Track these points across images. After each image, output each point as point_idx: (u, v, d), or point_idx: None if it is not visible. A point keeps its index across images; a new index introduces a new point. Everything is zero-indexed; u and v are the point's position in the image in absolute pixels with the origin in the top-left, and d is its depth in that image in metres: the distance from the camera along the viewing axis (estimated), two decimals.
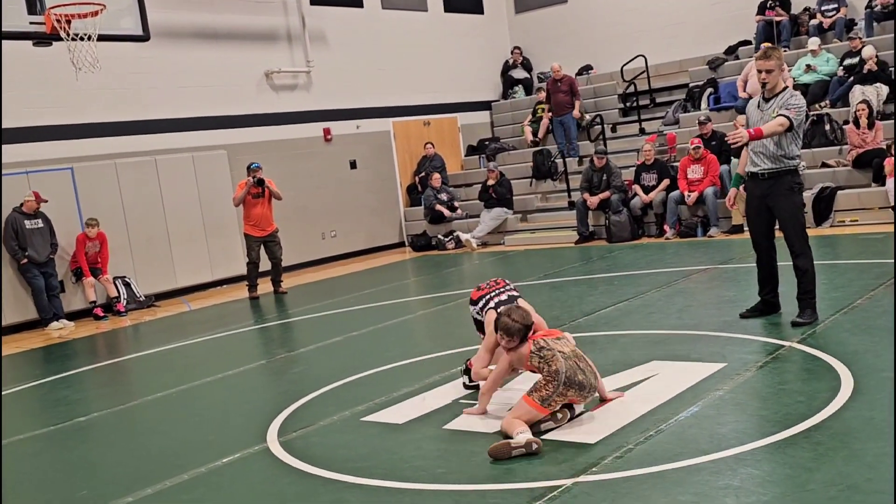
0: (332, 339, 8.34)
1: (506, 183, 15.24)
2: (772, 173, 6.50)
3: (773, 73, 6.44)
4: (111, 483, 4.94)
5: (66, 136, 12.26)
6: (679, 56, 16.74)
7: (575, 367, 4.86)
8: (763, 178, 6.56)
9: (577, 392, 4.86)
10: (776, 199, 6.52)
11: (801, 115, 6.41)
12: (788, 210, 6.52)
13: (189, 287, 13.38)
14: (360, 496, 4.24)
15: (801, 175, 6.70)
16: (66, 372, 8.53)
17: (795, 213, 6.55)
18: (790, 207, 6.52)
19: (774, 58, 6.42)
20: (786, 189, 6.49)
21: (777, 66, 6.44)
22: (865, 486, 3.66)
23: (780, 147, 6.43)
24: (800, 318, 6.53)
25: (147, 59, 12.97)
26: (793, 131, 6.38)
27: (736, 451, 4.18)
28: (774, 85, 6.48)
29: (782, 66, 6.54)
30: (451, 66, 17.78)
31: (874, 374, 5.15)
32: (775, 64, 6.42)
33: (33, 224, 11.44)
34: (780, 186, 6.49)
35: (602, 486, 3.99)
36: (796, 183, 6.57)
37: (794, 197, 6.54)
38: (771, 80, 6.47)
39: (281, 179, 13.47)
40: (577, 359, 4.92)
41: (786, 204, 6.51)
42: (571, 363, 4.86)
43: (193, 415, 6.37)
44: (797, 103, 6.38)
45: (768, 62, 6.42)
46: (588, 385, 4.89)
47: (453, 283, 11.64)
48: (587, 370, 4.91)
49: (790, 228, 6.56)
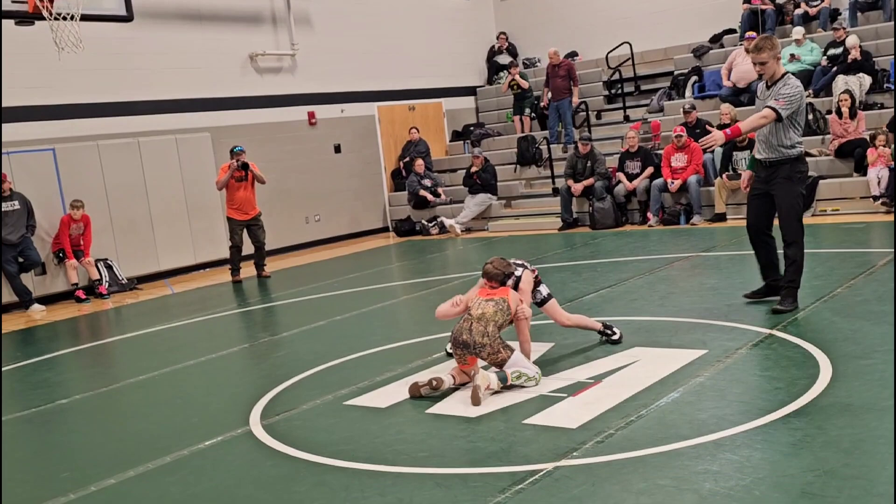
0: (316, 323, 8.34)
1: (490, 169, 15.25)
2: (772, 162, 6.51)
3: (766, 64, 6.42)
4: (93, 465, 4.94)
5: (48, 116, 12.15)
6: (664, 44, 16.76)
7: (464, 328, 5.43)
8: (766, 165, 6.57)
9: (464, 351, 5.41)
10: (775, 186, 6.52)
11: (794, 103, 6.36)
12: (784, 198, 6.51)
13: (172, 270, 13.33)
14: (342, 479, 4.26)
15: (805, 163, 6.66)
16: (48, 354, 8.49)
17: (792, 201, 6.52)
18: (786, 196, 6.50)
19: (766, 49, 6.38)
20: (783, 177, 6.48)
21: (771, 57, 6.40)
22: (842, 471, 3.71)
23: (776, 137, 6.43)
24: (780, 305, 6.59)
25: (130, 39, 12.86)
26: (785, 121, 6.36)
27: (715, 437, 4.23)
28: (772, 73, 6.45)
29: (777, 54, 6.47)
30: (437, 51, 17.74)
31: (852, 361, 5.21)
32: (768, 55, 6.39)
33: (9, 206, 11.33)
34: (779, 174, 6.49)
35: (583, 471, 4.03)
36: (797, 172, 6.55)
37: (793, 186, 6.52)
38: (767, 72, 6.45)
39: (265, 163, 13.43)
40: (475, 320, 5.43)
41: (782, 192, 6.50)
42: (464, 325, 5.45)
43: (176, 398, 6.36)
44: (788, 92, 6.35)
45: (760, 55, 6.40)
46: (473, 345, 5.36)
47: (437, 268, 11.65)
48: (477, 331, 5.36)
49: (784, 216, 6.55)
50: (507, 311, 5.56)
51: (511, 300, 5.62)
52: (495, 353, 5.39)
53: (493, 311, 5.51)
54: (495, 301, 5.58)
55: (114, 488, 4.52)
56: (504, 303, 5.57)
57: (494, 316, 5.49)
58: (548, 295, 6.13)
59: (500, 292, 5.66)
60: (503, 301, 5.58)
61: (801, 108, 6.46)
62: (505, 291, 5.67)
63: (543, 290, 6.14)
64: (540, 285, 6.13)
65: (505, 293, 5.65)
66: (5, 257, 11.26)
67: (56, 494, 4.50)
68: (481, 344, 5.38)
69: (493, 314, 5.49)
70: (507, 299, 5.60)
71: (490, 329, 5.42)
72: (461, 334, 5.44)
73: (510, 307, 5.58)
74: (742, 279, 8.06)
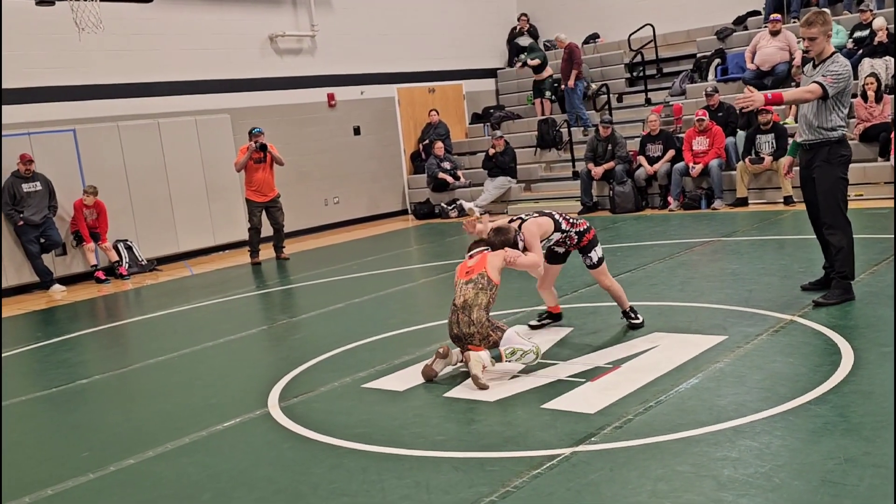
0: (334, 306, 8.34)
1: (510, 152, 15.17)
2: (812, 144, 6.32)
3: (816, 40, 6.17)
4: (112, 445, 4.97)
5: (68, 97, 12.19)
6: (687, 26, 16.58)
7: (452, 321, 5.42)
8: (806, 148, 6.41)
9: (459, 344, 5.39)
10: (815, 169, 6.33)
11: (841, 82, 6.11)
12: (823, 182, 6.27)
13: (191, 251, 13.38)
14: (359, 462, 4.26)
15: (847, 147, 6.37)
16: (68, 334, 8.55)
17: (831, 186, 6.26)
18: (825, 179, 6.26)
19: (817, 24, 6.13)
20: (823, 160, 6.25)
21: (821, 33, 6.15)
22: (863, 459, 3.67)
23: (817, 117, 6.22)
24: (823, 297, 6.29)
25: (150, 20, 12.86)
26: (830, 100, 6.13)
27: (735, 424, 4.19)
28: (821, 51, 6.21)
29: (827, 31, 6.19)
30: (457, 32, 17.64)
31: (874, 348, 5.15)
32: (818, 31, 6.14)
33: (31, 187, 11.40)
34: (818, 157, 6.28)
35: (601, 456, 4.01)
36: (839, 155, 6.28)
37: (833, 169, 6.25)
38: (815, 48, 6.21)
39: (284, 145, 13.43)
40: (460, 311, 5.38)
41: (821, 175, 6.27)
42: (452, 318, 5.44)
43: (195, 379, 6.39)
44: (836, 70, 6.09)
45: (810, 29, 6.16)
46: (464, 336, 5.32)
47: (456, 251, 11.61)
48: (463, 322, 5.32)
49: (823, 201, 6.31)
50: (488, 286, 5.41)
51: (489, 269, 5.47)
52: (485, 337, 5.34)
53: (474, 294, 5.39)
54: (473, 281, 5.44)
55: (133, 468, 4.55)
56: (483, 278, 5.43)
57: (476, 298, 5.37)
58: (598, 261, 6.13)
59: (476, 267, 5.52)
60: (481, 277, 5.44)
61: (847, 89, 6.20)
62: (482, 263, 5.53)
63: (594, 255, 6.13)
64: (591, 249, 6.12)
65: (481, 265, 5.50)
66: (27, 238, 11.35)
67: (76, 474, 4.53)
68: (470, 334, 5.33)
69: (474, 297, 5.38)
70: (486, 271, 5.45)
71: (475, 315, 5.33)
72: (451, 329, 5.43)
73: (490, 279, 5.43)
74: (763, 264, 8.00)
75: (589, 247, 6.13)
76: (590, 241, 6.13)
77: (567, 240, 6.09)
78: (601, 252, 6.20)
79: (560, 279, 8.41)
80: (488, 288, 5.43)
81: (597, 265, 6.15)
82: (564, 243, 6.13)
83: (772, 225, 10.44)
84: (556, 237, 6.02)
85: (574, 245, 6.15)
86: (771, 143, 12.02)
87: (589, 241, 6.13)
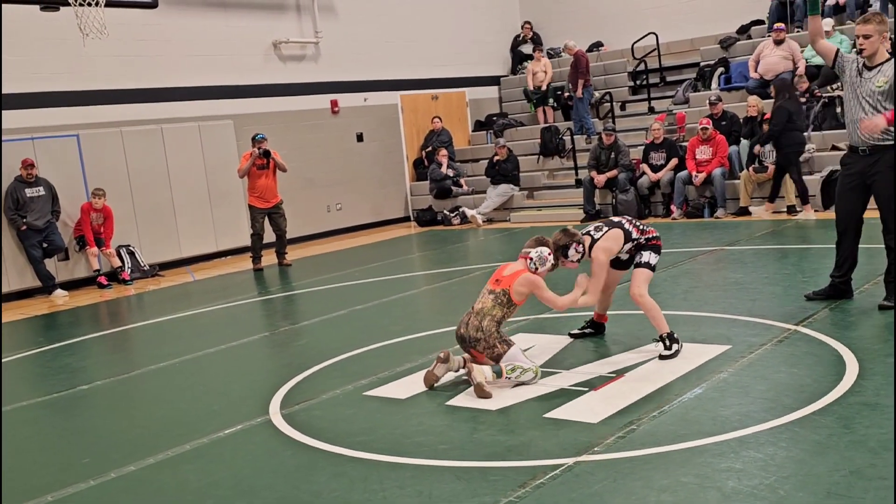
0: (337, 313, 8.33)
1: (513, 159, 15.17)
2: (875, 148, 6.13)
3: (871, 38, 6.04)
4: (113, 451, 4.95)
5: (72, 102, 12.20)
6: (691, 34, 16.59)
7: (463, 321, 5.49)
8: (865, 153, 6.19)
9: (462, 345, 5.49)
10: (876, 175, 6.13)
11: None
12: (889, 187, 6.09)
13: (193, 257, 13.37)
14: (361, 470, 4.24)
15: None
16: (69, 340, 8.54)
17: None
18: (890, 184, 6.08)
19: (874, 23, 6.03)
20: (889, 165, 6.06)
21: (877, 32, 6.02)
22: (869, 471, 3.64)
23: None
24: (887, 300, 6.21)
25: (154, 26, 12.88)
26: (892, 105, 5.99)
27: (739, 434, 4.17)
28: (874, 52, 6.09)
29: (883, 31, 6.07)
30: (461, 39, 17.66)
31: (879, 359, 5.12)
32: (874, 29, 6.02)
33: (34, 192, 11.40)
34: (883, 162, 6.09)
35: (604, 466, 3.99)
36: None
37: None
38: (869, 47, 6.08)
39: (287, 151, 13.43)
40: (474, 314, 5.44)
41: (886, 180, 6.08)
42: (464, 318, 5.50)
43: (196, 385, 6.37)
44: None
45: (866, 26, 6.05)
46: (468, 339, 5.39)
47: (458, 258, 11.61)
48: (472, 326, 5.39)
49: (887, 206, 6.13)
50: (507, 304, 5.43)
51: (514, 289, 5.43)
52: (490, 347, 5.35)
53: (491, 305, 5.43)
54: (496, 294, 5.47)
55: (133, 475, 4.53)
56: (505, 295, 5.43)
57: (492, 310, 5.41)
58: (645, 263, 5.76)
59: (506, 281, 5.49)
60: (504, 294, 5.44)
61: None
62: (512, 279, 5.48)
63: (650, 257, 5.78)
64: (650, 252, 5.78)
65: (510, 282, 5.46)
66: (30, 242, 11.34)
67: (77, 480, 4.51)
68: (475, 339, 5.36)
69: (490, 308, 5.42)
70: (510, 291, 5.44)
71: (485, 324, 5.36)
72: (459, 328, 5.48)
73: (512, 299, 5.43)
74: (766, 274, 7.98)
75: (649, 248, 5.82)
76: (653, 246, 5.84)
77: (637, 248, 5.82)
78: (656, 262, 5.84)
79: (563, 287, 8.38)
80: (507, 305, 5.46)
81: (642, 266, 5.76)
82: (635, 249, 5.84)
83: (775, 234, 10.42)
84: (626, 247, 5.79)
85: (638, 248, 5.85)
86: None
87: (652, 246, 5.83)
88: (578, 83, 15.25)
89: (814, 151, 12.41)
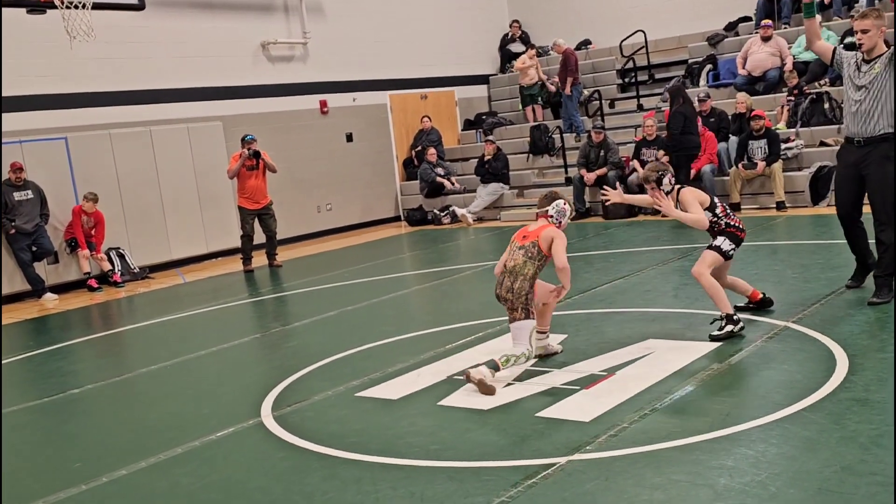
0: (327, 314, 8.32)
1: (502, 158, 15.17)
2: (869, 140, 6.20)
3: (869, 33, 6.13)
4: (105, 455, 4.93)
5: (60, 105, 12.15)
6: (678, 32, 16.62)
7: (498, 282, 5.51)
8: (860, 144, 6.26)
9: (501, 304, 5.51)
10: (870, 166, 6.20)
11: None
12: (881, 179, 6.16)
13: (183, 259, 13.33)
14: (353, 472, 4.24)
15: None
16: (60, 343, 8.51)
17: (890, 183, 6.14)
18: (883, 177, 6.15)
19: (871, 17, 6.12)
20: (882, 156, 6.15)
21: (874, 27, 6.11)
22: (860, 467, 3.66)
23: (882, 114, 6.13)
24: (876, 297, 6.25)
25: (142, 28, 12.83)
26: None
27: (730, 431, 4.18)
28: (872, 46, 6.16)
29: (881, 26, 6.17)
30: (449, 39, 17.65)
31: (870, 355, 5.15)
32: (872, 23, 6.11)
33: (22, 195, 11.35)
34: (876, 153, 6.17)
35: (596, 465, 3.99)
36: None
37: (890, 166, 6.15)
38: (867, 42, 6.15)
39: (276, 152, 13.41)
40: (508, 274, 5.45)
41: (878, 172, 6.15)
42: (499, 278, 5.51)
43: (188, 388, 6.36)
44: None
45: (864, 21, 6.13)
46: (503, 299, 5.43)
47: (449, 258, 11.62)
48: (505, 287, 5.42)
49: (879, 198, 6.19)
50: (538, 257, 5.41)
51: (542, 239, 5.43)
52: (514, 309, 5.39)
53: (523, 262, 5.41)
54: (525, 248, 5.44)
55: (125, 479, 4.52)
56: (534, 247, 5.42)
57: (524, 267, 5.39)
58: (717, 247, 5.93)
59: (533, 234, 5.48)
60: (533, 246, 5.42)
61: None
62: (538, 231, 5.47)
63: (724, 243, 5.95)
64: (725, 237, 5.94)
65: (537, 234, 5.46)
66: (19, 246, 11.29)
67: (68, 485, 4.49)
68: (506, 299, 5.41)
69: (522, 265, 5.40)
70: (539, 241, 5.42)
71: (517, 285, 5.36)
72: (496, 288, 5.52)
73: (542, 249, 5.41)
74: (756, 270, 8.00)
75: (726, 234, 5.95)
76: (731, 234, 5.95)
77: (715, 226, 5.93)
78: (730, 249, 5.95)
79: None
80: (537, 258, 5.42)
81: (713, 248, 5.92)
82: (711, 229, 5.94)
83: (765, 230, 10.46)
84: (709, 216, 5.92)
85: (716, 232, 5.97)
86: (763, 149, 12.05)
87: (731, 233, 5.95)
88: (567, 81, 15.25)
89: (802, 147, 12.45)
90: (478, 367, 5.25)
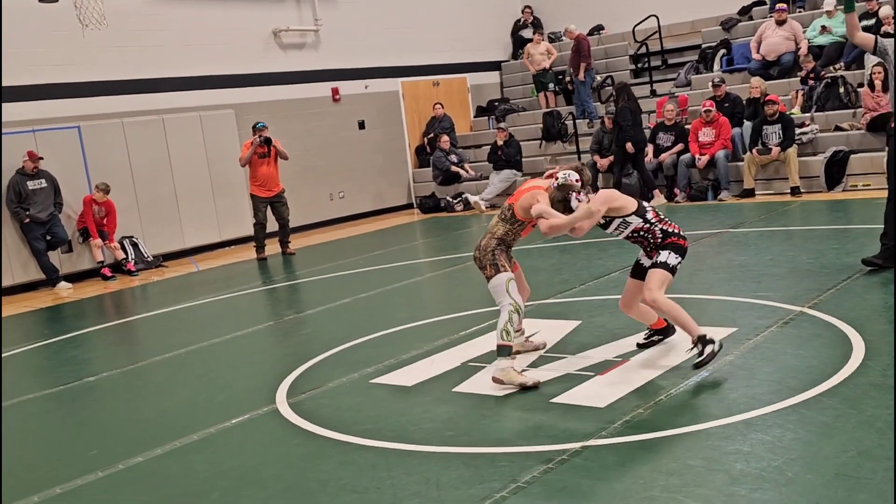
0: (341, 301, 8.33)
1: (515, 144, 15.12)
2: None
3: None
4: (121, 443, 4.96)
5: (72, 94, 12.17)
6: (692, 16, 16.50)
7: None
8: None
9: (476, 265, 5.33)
10: None
11: None
12: None
13: (197, 247, 13.36)
14: (369, 458, 4.25)
15: None
16: (75, 332, 8.55)
17: None
18: None
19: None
20: None
21: None
22: (877, 452, 3.64)
23: None
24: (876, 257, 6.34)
25: (154, 16, 12.84)
26: None
27: (746, 417, 4.17)
28: None
29: None
30: (461, 25, 17.57)
31: (886, 339, 5.11)
32: None
33: (36, 184, 11.39)
34: None
35: (612, 450, 3.99)
36: None
37: None
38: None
39: (288, 139, 13.40)
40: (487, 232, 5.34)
41: None
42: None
43: (202, 375, 6.38)
44: None
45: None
46: (475, 259, 5.30)
47: (462, 245, 11.60)
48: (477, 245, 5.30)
49: None
50: (511, 221, 5.27)
51: (519, 203, 5.21)
52: (483, 267, 5.24)
53: (496, 222, 5.35)
54: (502, 209, 5.38)
55: (141, 466, 4.54)
56: (509, 210, 5.30)
57: (495, 227, 5.33)
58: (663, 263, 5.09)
59: (515, 196, 5.34)
60: (508, 209, 5.31)
61: None
62: (523, 192, 5.28)
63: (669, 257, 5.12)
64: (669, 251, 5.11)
65: (518, 196, 5.29)
66: (33, 235, 11.34)
67: (85, 472, 4.52)
68: (476, 257, 5.30)
69: (493, 225, 5.35)
70: (514, 205, 5.27)
71: (484, 241, 5.27)
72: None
73: (516, 214, 5.25)
74: (771, 256, 7.96)
75: (668, 247, 5.15)
76: (673, 244, 5.15)
77: (648, 234, 5.17)
78: (676, 263, 5.13)
79: (567, 271, 8.40)
80: (510, 221, 5.29)
81: (658, 266, 5.10)
82: (644, 238, 5.20)
83: (779, 216, 10.40)
84: (635, 223, 5.17)
85: (653, 245, 5.20)
86: (778, 134, 11.96)
87: (672, 244, 5.15)
88: (580, 67, 15.18)
89: (817, 132, 12.36)
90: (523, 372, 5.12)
